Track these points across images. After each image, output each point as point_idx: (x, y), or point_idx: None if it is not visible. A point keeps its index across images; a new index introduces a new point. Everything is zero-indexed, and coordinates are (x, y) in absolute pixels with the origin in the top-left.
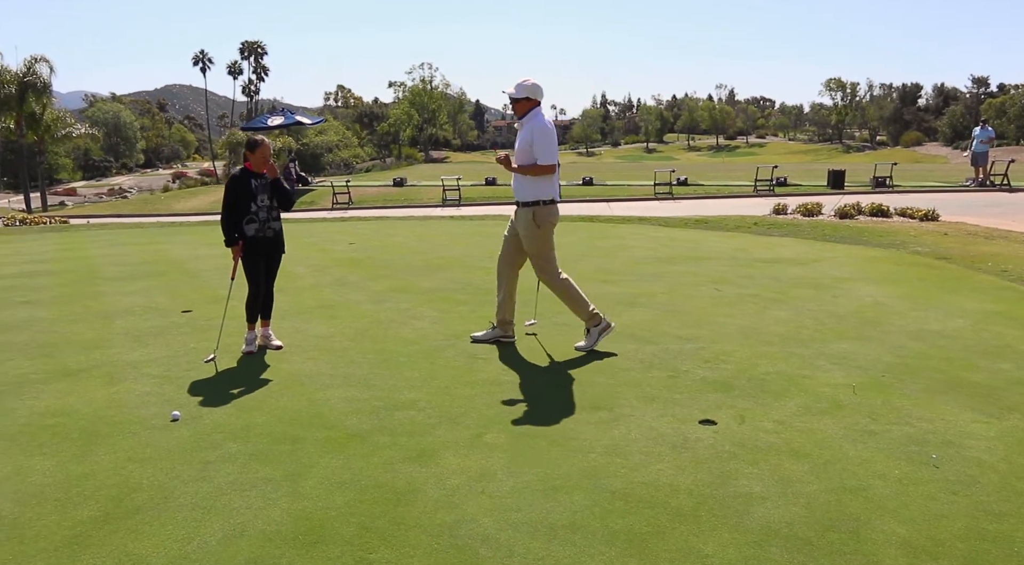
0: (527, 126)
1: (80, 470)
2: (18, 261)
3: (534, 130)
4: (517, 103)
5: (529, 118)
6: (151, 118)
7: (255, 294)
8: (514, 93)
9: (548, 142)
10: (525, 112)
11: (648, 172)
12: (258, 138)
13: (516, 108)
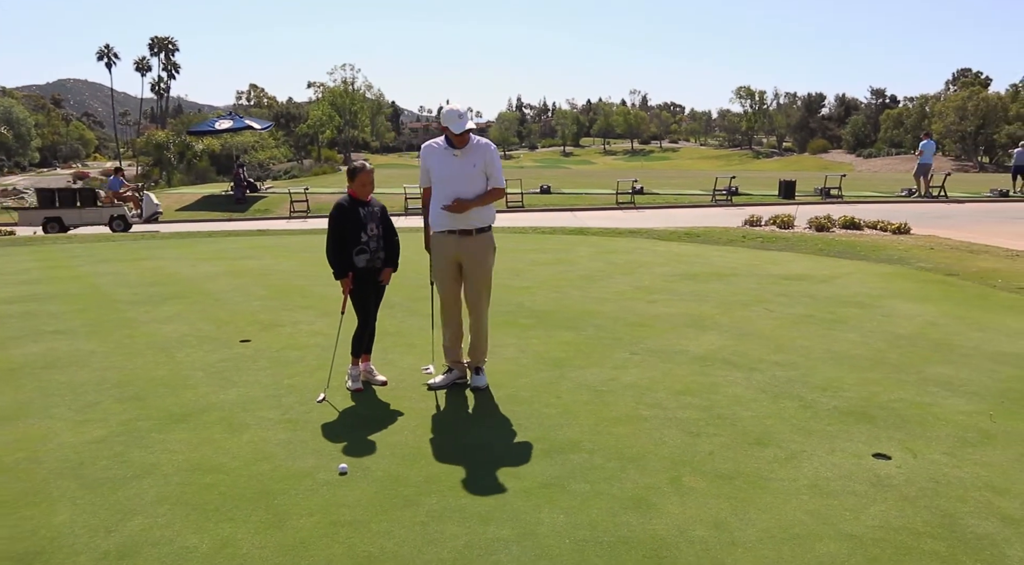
0: (476, 151)
1: (290, 538)
2: (6, 282)
3: (488, 154)
4: (463, 133)
5: (476, 144)
6: (46, 114)
7: (363, 327)
8: (463, 125)
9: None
10: (469, 139)
11: (592, 179)
12: (358, 164)
13: (463, 137)
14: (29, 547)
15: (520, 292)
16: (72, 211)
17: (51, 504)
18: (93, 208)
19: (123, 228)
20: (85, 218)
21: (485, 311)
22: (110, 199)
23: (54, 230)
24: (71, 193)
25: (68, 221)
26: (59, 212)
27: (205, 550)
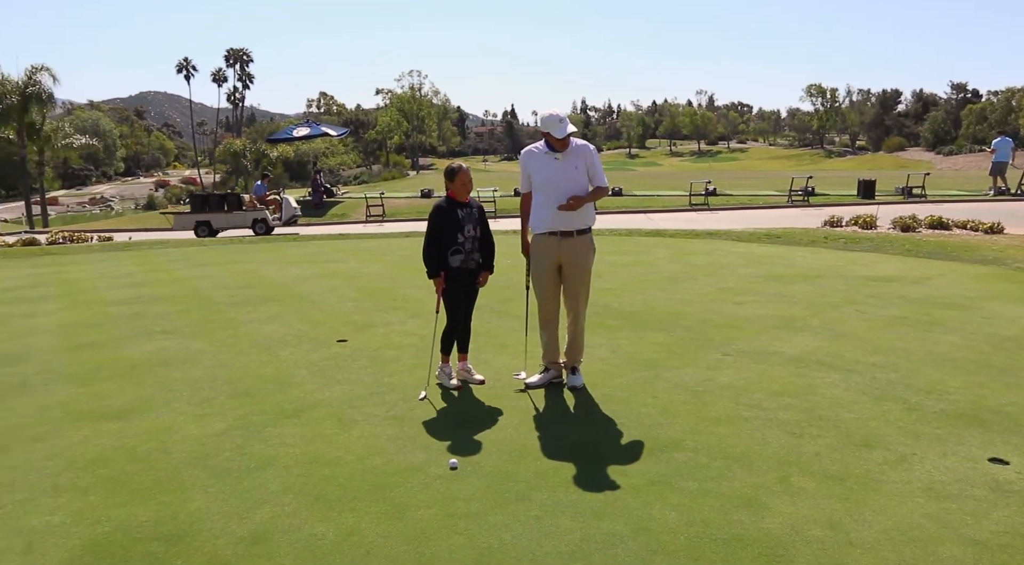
0: (577, 154)
1: (411, 529)
2: (115, 285)
3: (589, 155)
4: (565, 137)
5: (576, 146)
6: (129, 126)
7: (453, 326)
8: (565, 130)
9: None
10: (570, 142)
11: (661, 181)
12: (455, 165)
13: (564, 141)
14: (172, 530)
15: (605, 294)
16: (220, 215)
17: (185, 491)
18: (238, 212)
19: (264, 231)
20: (231, 222)
21: (583, 312)
22: (253, 203)
23: (204, 233)
24: (219, 198)
25: (216, 224)
26: (208, 216)
27: (332, 538)
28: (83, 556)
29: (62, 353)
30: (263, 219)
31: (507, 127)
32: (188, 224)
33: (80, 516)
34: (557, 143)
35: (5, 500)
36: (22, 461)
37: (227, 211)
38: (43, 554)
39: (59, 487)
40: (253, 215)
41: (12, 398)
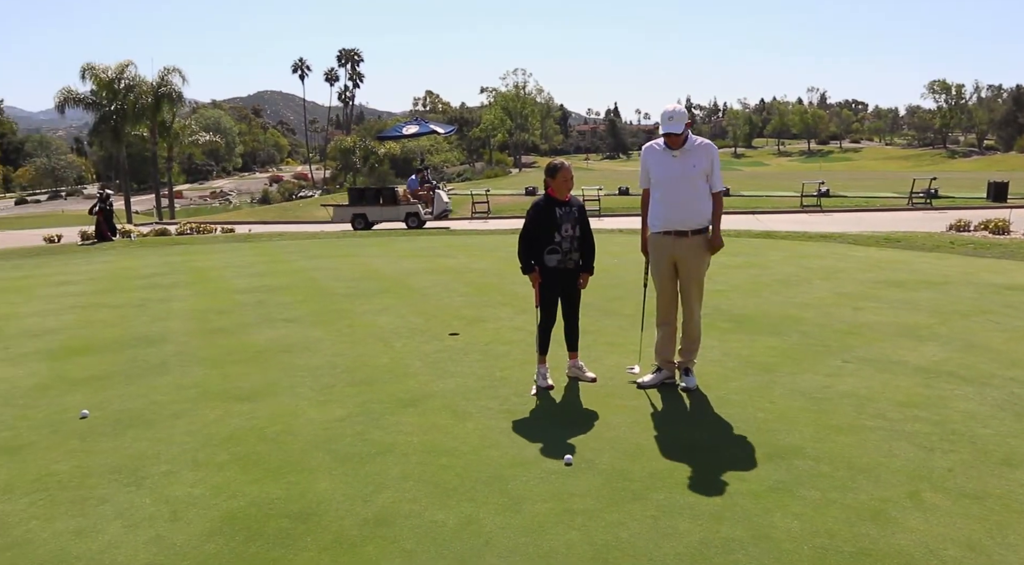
0: (697, 152)
1: (528, 521)
2: (239, 274)
3: (709, 155)
4: (677, 134)
5: (696, 145)
6: (247, 123)
7: (546, 324)
8: (671, 127)
9: None
10: (686, 137)
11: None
12: (557, 163)
13: (676, 138)
14: (301, 508)
15: (716, 295)
16: (375, 208)
17: (311, 473)
18: (393, 206)
19: (416, 224)
20: (386, 215)
21: (697, 312)
22: (407, 197)
23: (360, 225)
24: (375, 192)
25: (371, 217)
26: (364, 209)
27: (452, 526)
28: (222, 527)
29: (195, 337)
30: (415, 213)
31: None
32: (346, 216)
33: (218, 490)
34: (668, 139)
35: (152, 470)
36: (165, 435)
37: (382, 204)
38: (188, 522)
39: (198, 462)
40: (406, 209)
41: (154, 377)
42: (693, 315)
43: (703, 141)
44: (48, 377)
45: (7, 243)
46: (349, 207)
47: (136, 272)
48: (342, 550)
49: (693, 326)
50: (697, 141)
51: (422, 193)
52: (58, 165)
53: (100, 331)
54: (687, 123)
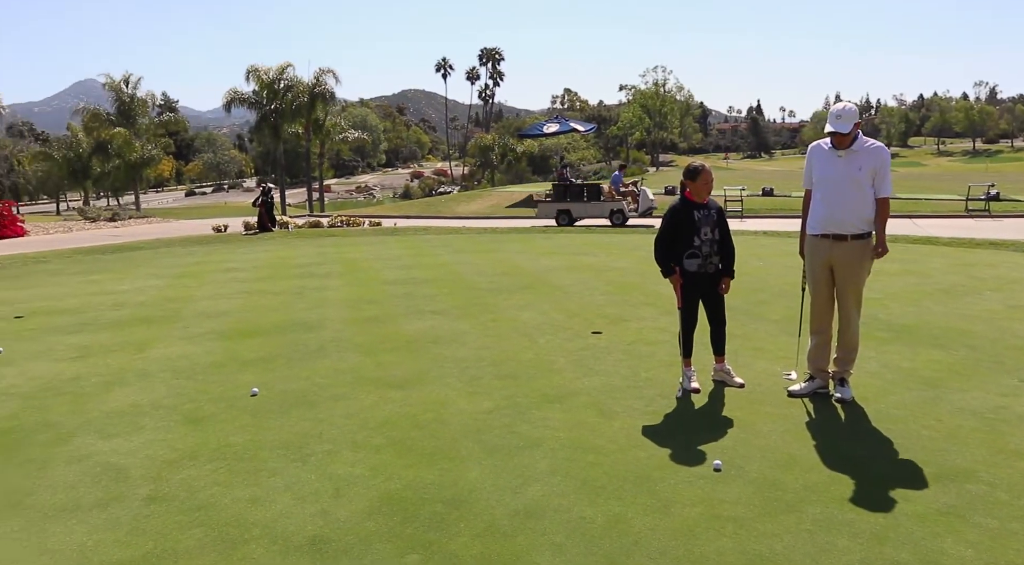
0: (865, 154)
1: (678, 524)
2: (387, 266)
3: (879, 158)
4: (844, 134)
5: (866, 146)
6: (392, 121)
7: (688, 327)
8: (839, 126)
9: None
10: (855, 137)
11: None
12: (697, 165)
13: (843, 138)
14: (454, 495)
15: (872, 303)
16: (579, 204)
17: (462, 461)
18: (597, 202)
19: (621, 222)
20: (589, 211)
21: (855, 321)
22: (612, 194)
23: (564, 221)
24: (579, 188)
25: (576, 214)
26: (569, 205)
27: (600, 523)
28: (381, 507)
29: (350, 324)
30: (620, 210)
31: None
32: (550, 212)
33: (376, 471)
34: (835, 139)
35: (316, 448)
36: (326, 416)
37: (586, 201)
38: (350, 499)
39: (357, 443)
40: (611, 205)
41: (314, 360)
42: (851, 323)
43: (874, 144)
44: (222, 356)
45: (182, 231)
46: (553, 203)
47: (293, 261)
48: (494, 538)
49: (850, 335)
50: (868, 143)
51: (628, 190)
52: (222, 160)
53: (264, 315)
54: (856, 123)
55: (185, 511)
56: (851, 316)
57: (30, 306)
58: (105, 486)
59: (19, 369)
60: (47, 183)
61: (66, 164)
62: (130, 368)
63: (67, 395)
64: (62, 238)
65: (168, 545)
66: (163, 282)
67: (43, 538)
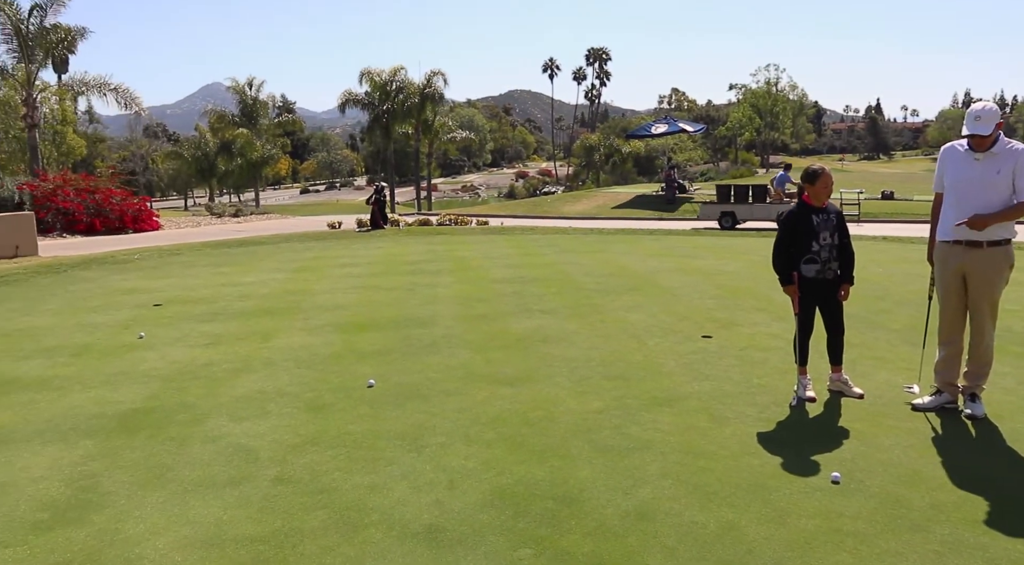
0: (1004, 157)
1: (794, 535)
2: (496, 264)
3: (1020, 160)
4: (984, 136)
5: (1007, 148)
6: (498, 121)
7: (803, 334)
8: (978, 128)
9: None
10: (995, 139)
11: None
12: (817, 167)
13: (982, 140)
14: (564, 493)
15: (1009, 315)
16: (744, 207)
17: (572, 460)
18: (762, 204)
19: None
20: (755, 214)
21: (989, 333)
22: (779, 196)
23: (727, 224)
24: (744, 190)
25: (740, 216)
26: (733, 207)
27: (712, 529)
28: (493, 500)
29: (460, 321)
30: None
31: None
32: (713, 214)
33: (488, 465)
34: (973, 141)
35: (430, 440)
36: (439, 410)
37: (751, 203)
38: (463, 491)
39: (469, 437)
40: (778, 208)
41: (426, 356)
42: (984, 336)
43: (1017, 145)
44: (340, 348)
45: (299, 227)
46: (716, 204)
47: (405, 258)
48: (605, 538)
49: (984, 348)
50: (1009, 145)
51: (795, 191)
52: (335, 159)
53: (379, 310)
54: (997, 124)
55: (309, 493)
56: (985, 328)
57: (167, 295)
58: (237, 466)
59: (159, 353)
60: (177, 180)
61: (194, 163)
62: (256, 356)
63: (201, 379)
64: (192, 232)
65: (295, 524)
66: (284, 275)
67: (184, 510)
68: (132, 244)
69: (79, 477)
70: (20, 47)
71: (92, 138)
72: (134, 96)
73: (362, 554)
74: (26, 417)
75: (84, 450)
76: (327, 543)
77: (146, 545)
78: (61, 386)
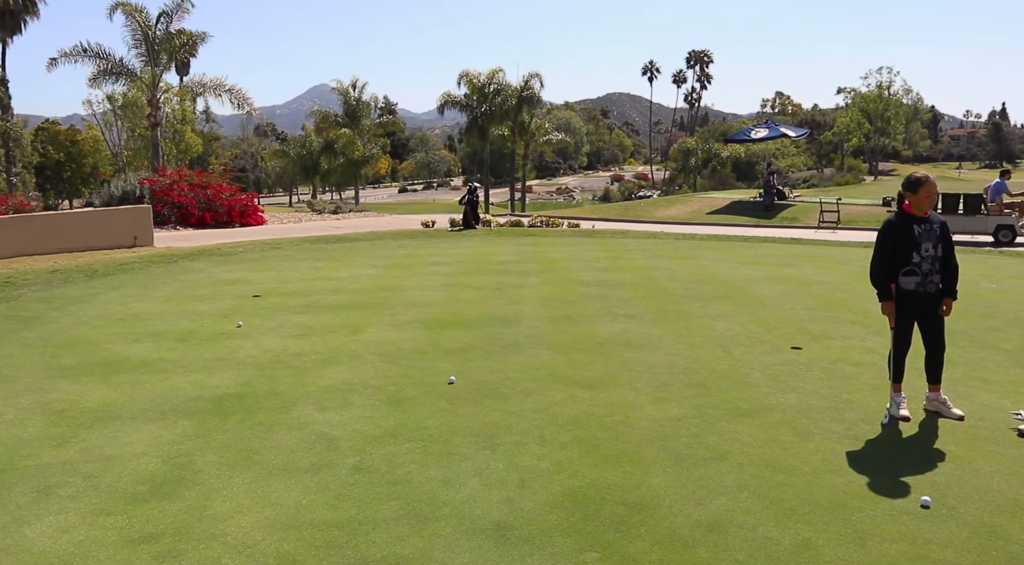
0: None
1: (875, 560)
2: (583, 267)
3: None
4: None
5: None
6: (595, 124)
7: (899, 350)
8: None
9: None
10: None
11: None
12: (920, 175)
13: None
14: (636, 498)
15: None
16: (954, 218)
17: (646, 466)
18: (977, 216)
19: (1009, 240)
20: (967, 226)
21: None
22: (999, 207)
23: None
24: (953, 199)
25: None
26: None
27: (787, 546)
28: (563, 502)
29: (544, 322)
30: (1009, 226)
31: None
32: None
33: (560, 467)
34: None
35: (505, 439)
36: (516, 409)
37: (963, 214)
38: (534, 491)
39: (544, 438)
40: (997, 220)
41: (508, 355)
42: None
43: None
44: (424, 343)
45: (394, 225)
46: None
47: (494, 258)
48: (674, 547)
49: None
50: None
51: (1019, 202)
52: (433, 160)
53: (465, 308)
54: None
55: (384, 484)
56: None
57: (266, 286)
58: (318, 453)
59: (255, 342)
60: (283, 177)
61: (299, 161)
62: (344, 349)
63: (292, 368)
64: (293, 227)
65: (368, 513)
66: (376, 271)
67: (267, 492)
68: (237, 237)
69: (175, 455)
70: (147, 51)
71: (208, 137)
72: (246, 97)
73: (430, 546)
74: (132, 396)
75: (181, 430)
76: (398, 533)
77: (230, 523)
78: (165, 369)
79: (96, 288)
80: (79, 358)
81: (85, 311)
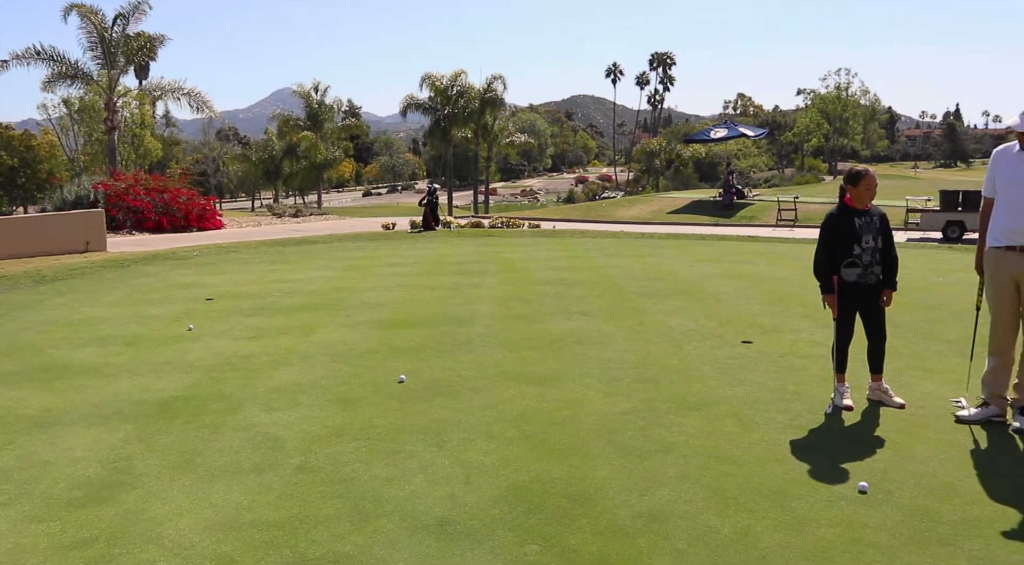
0: None
1: (811, 544)
2: (541, 266)
3: None
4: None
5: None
6: (560, 126)
7: (842, 340)
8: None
9: None
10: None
11: None
12: (860, 169)
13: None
14: (580, 491)
15: None
16: (976, 215)
17: (592, 460)
18: None
19: (957, 237)
20: None
21: None
22: None
23: (955, 235)
24: (976, 196)
25: (971, 226)
26: (962, 216)
27: (726, 534)
28: (507, 496)
29: (498, 321)
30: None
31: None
32: (936, 224)
33: (506, 462)
34: (1022, 140)
35: (452, 436)
36: (465, 406)
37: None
38: (478, 486)
39: (491, 434)
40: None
41: (460, 353)
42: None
43: None
44: (377, 343)
45: (355, 228)
46: (941, 212)
47: (452, 259)
48: (614, 537)
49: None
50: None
51: None
52: (397, 163)
53: (420, 308)
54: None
55: (328, 483)
56: None
57: (219, 290)
58: (263, 454)
59: (205, 345)
60: (245, 182)
61: (261, 165)
62: (295, 350)
63: (241, 370)
64: (252, 231)
65: (310, 512)
66: (332, 273)
67: (208, 494)
68: (194, 242)
69: (115, 459)
70: (104, 54)
71: (168, 141)
72: (205, 100)
73: (371, 543)
74: (74, 401)
75: (123, 434)
76: (339, 531)
77: (168, 525)
78: (110, 373)
79: (43, 294)
80: (21, 364)
81: (30, 317)
